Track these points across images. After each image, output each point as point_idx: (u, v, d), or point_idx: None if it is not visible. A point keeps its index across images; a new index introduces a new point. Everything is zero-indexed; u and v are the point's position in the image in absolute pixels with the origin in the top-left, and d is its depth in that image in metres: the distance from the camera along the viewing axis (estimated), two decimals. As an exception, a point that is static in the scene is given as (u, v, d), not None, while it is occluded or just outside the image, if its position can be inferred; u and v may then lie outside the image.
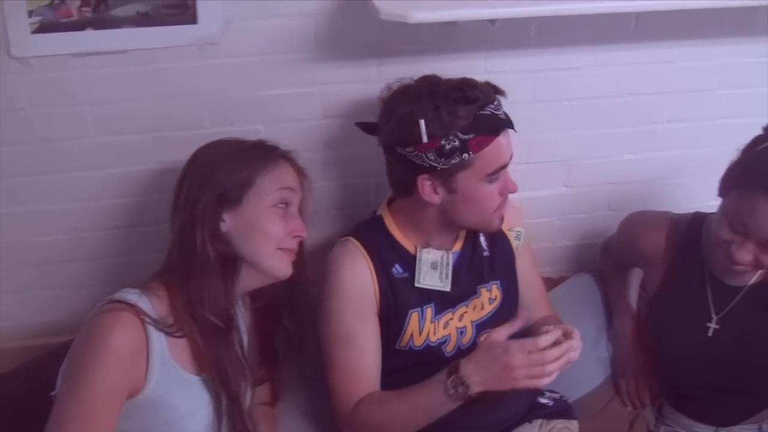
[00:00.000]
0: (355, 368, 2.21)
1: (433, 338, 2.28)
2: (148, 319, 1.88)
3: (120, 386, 1.83)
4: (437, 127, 2.05)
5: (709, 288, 2.41)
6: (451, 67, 2.40)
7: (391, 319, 2.25)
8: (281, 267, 2.06)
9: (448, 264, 2.28)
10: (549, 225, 2.85)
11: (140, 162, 2.42)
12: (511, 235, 2.43)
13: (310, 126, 2.48)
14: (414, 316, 2.26)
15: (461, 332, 2.32)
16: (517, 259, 2.46)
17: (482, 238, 2.38)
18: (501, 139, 2.12)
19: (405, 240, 2.28)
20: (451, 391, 2.02)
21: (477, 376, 2.00)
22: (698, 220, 2.45)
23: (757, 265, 2.22)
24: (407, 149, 2.10)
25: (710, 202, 2.31)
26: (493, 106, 2.11)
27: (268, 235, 2.01)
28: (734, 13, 2.63)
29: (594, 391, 2.65)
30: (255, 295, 2.21)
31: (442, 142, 2.06)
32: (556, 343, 1.98)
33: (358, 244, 2.26)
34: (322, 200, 2.40)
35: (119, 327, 1.83)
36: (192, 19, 2.23)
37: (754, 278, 2.37)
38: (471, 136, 2.06)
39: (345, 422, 2.22)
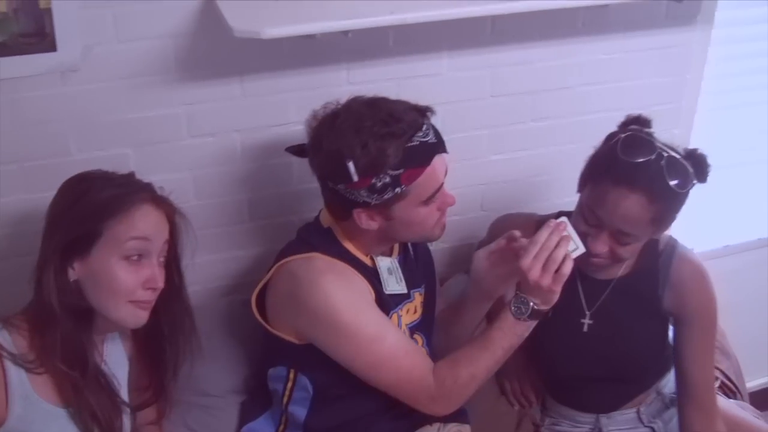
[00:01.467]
0: (406, 346, 2.21)
1: None
2: (5, 353, 1.86)
3: None
4: (366, 166, 2.04)
5: (579, 284, 2.46)
6: (314, 80, 2.46)
7: None
8: (131, 319, 2.00)
9: (398, 268, 2.32)
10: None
11: (9, 192, 2.38)
12: None
13: (178, 146, 2.48)
14: (394, 318, 2.28)
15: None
16: None
17: (409, 244, 2.43)
18: (434, 164, 2.12)
19: (357, 251, 2.27)
20: (515, 312, 2.14)
21: (527, 293, 2.13)
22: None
23: (613, 256, 2.28)
24: (338, 186, 2.10)
25: (580, 196, 2.37)
26: (421, 134, 2.09)
27: (115, 289, 1.94)
28: (586, 13, 2.71)
29: (478, 391, 2.69)
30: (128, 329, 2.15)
31: (373, 180, 2.05)
32: None
33: (327, 257, 2.21)
34: (196, 220, 2.40)
35: None
36: (51, 47, 2.21)
37: (621, 271, 2.44)
38: (401, 170, 2.06)
39: (433, 397, 2.19)
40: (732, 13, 3.02)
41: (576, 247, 2.15)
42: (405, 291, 2.33)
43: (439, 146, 2.15)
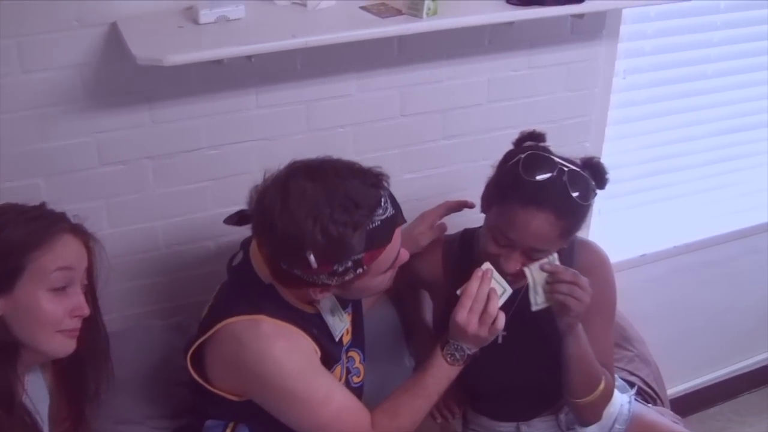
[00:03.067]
0: (349, 404, 2.21)
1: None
2: None
3: None
4: (327, 255, 1.95)
5: None
6: (224, 105, 2.47)
7: None
8: (61, 349, 1.99)
9: (335, 302, 2.28)
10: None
11: None
12: None
13: (90, 175, 2.47)
14: (337, 371, 2.29)
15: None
16: None
17: None
18: (394, 237, 2.06)
19: (299, 304, 2.20)
20: (450, 359, 2.26)
21: (462, 341, 2.24)
22: (468, 236, 2.55)
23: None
24: (295, 270, 2.00)
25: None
26: (381, 211, 1.99)
27: (44, 321, 1.92)
28: (492, 31, 2.75)
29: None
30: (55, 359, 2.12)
31: (335, 267, 1.97)
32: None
33: (274, 321, 2.12)
34: (111, 247, 2.38)
35: None
36: (-44, 80, 2.20)
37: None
38: (363, 254, 1.98)
39: None
40: (638, 27, 3.10)
41: (504, 289, 2.24)
42: (347, 323, 2.33)
43: (397, 218, 2.07)
